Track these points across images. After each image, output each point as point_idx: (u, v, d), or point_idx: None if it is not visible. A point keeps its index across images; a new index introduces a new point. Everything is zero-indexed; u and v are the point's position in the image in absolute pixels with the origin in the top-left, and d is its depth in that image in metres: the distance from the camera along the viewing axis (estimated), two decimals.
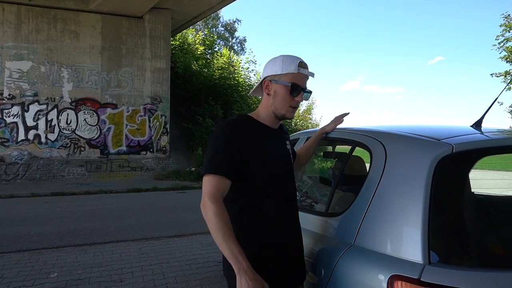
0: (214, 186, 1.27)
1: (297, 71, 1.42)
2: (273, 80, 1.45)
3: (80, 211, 7.17)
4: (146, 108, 12.56)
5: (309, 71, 1.47)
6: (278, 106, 1.45)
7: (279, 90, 1.44)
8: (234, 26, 32.05)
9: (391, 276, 1.16)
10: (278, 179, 1.43)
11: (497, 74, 16.96)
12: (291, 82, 1.42)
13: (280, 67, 1.43)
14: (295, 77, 1.42)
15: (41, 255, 4.40)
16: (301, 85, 1.44)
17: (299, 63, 1.43)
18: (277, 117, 1.48)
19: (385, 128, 1.72)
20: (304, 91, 1.46)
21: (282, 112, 1.45)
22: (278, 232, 1.42)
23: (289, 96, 1.43)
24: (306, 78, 1.47)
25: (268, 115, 1.48)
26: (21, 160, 11.01)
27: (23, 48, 11.01)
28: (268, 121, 1.48)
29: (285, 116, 1.47)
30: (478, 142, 1.38)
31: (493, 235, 1.40)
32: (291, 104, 1.45)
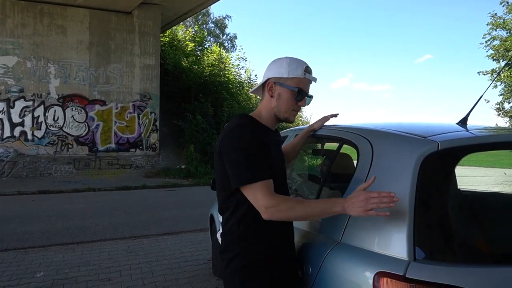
0: (265, 190, 1.28)
1: (303, 76, 1.43)
2: (278, 82, 1.44)
3: (67, 209, 7.07)
4: (135, 105, 12.44)
5: (313, 76, 1.48)
6: (281, 109, 1.45)
7: (284, 93, 1.43)
8: (225, 22, 31.91)
9: (376, 273, 1.16)
10: (278, 180, 1.43)
11: (484, 72, 17.26)
12: (297, 87, 1.42)
13: (286, 70, 1.42)
14: (301, 82, 1.43)
15: (27, 254, 4.32)
16: (306, 90, 1.45)
17: (305, 68, 1.44)
18: (278, 119, 1.49)
19: (372, 125, 1.73)
20: (307, 96, 1.47)
21: (286, 115, 1.46)
22: (280, 232, 1.44)
23: (293, 101, 1.43)
24: (310, 83, 1.49)
25: (270, 117, 1.48)
26: (7, 157, 10.79)
27: (8, 43, 10.78)
28: (269, 122, 1.49)
29: (288, 119, 1.47)
30: (463, 139, 1.39)
31: (478, 231, 1.42)
32: (294, 108, 1.45)
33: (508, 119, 17.65)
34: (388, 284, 1.13)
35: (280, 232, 1.44)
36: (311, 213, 1.30)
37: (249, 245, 1.39)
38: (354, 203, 1.20)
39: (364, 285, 1.19)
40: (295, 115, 1.48)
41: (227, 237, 1.44)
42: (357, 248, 1.30)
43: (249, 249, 1.38)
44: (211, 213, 3.45)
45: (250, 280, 1.37)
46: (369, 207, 1.17)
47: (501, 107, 17.58)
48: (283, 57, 1.48)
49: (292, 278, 1.49)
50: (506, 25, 16.25)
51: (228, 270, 1.41)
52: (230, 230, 1.42)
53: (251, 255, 1.38)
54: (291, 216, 1.31)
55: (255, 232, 1.39)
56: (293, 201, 1.31)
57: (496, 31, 16.68)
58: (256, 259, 1.38)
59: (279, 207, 1.27)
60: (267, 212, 1.27)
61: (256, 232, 1.39)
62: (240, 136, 1.34)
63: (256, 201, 1.29)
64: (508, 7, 16.00)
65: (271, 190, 1.30)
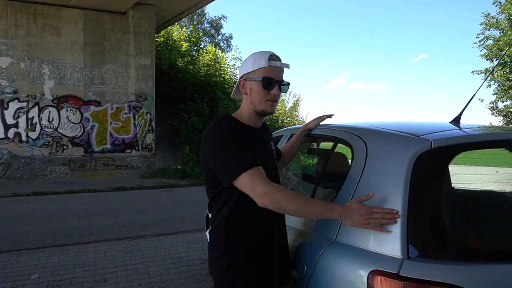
0: (261, 175, 1.28)
1: (268, 64, 1.41)
2: (247, 78, 1.45)
3: (63, 210, 7.03)
4: (130, 106, 12.38)
5: (282, 62, 1.45)
6: (256, 103, 1.44)
7: (254, 86, 1.43)
8: (220, 22, 31.86)
9: (370, 271, 1.17)
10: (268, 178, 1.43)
11: (478, 71, 17.37)
12: (263, 76, 1.41)
13: (251, 64, 1.43)
14: (267, 71, 1.41)
15: (21, 256, 4.29)
16: (275, 78, 1.42)
17: (269, 57, 1.42)
18: (258, 114, 1.47)
19: (366, 124, 1.74)
20: (280, 84, 1.44)
21: (261, 107, 1.44)
22: (267, 232, 1.43)
23: (263, 91, 1.42)
24: (281, 70, 1.45)
25: (250, 114, 1.47)
26: (1, 159, 10.70)
27: (1, 43, 10.67)
28: (251, 121, 1.47)
29: (265, 111, 1.45)
30: (456, 138, 1.40)
31: (471, 229, 1.43)
32: (267, 98, 1.43)
33: (502, 118, 17.79)
34: (382, 283, 1.13)
35: (268, 230, 1.43)
36: (305, 210, 1.29)
37: (236, 243, 1.39)
38: (354, 214, 1.21)
39: (359, 283, 1.20)
40: (271, 105, 1.44)
41: (214, 235, 1.45)
42: (352, 246, 1.31)
43: (236, 247, 1.39)
44: (207, 212, 3.45)
45: (236, 278, 1.38)
46: (370, 222, 1.19)
47: (495, 106, 17.71)
48: (250, 54, 1.49)
49: (284, 278, 1.47)
50: (499, 24, 16.37)
51: (216, 267, 1.42)
52: (217, 227, 1.43)
53: (237, 252, 1.39)
54: (286, 206, 1.27)
55: (241, 230, 1.39)
56: (292, 193, 1.29)
57: (489, 30, 16.81)
58: (242, 257, 1.39)
59: (278, 193, 1.26)
60: (265, 197, 1.25)
61: (243, 230, 1.39)
62: (219, 133, 1.35)
63: (253, 189, 1.26)
64: (500, 7, 16.13)
65: (262, 175, 1.29)
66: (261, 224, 1.41)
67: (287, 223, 1.76)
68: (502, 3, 16.01)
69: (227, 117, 1.46)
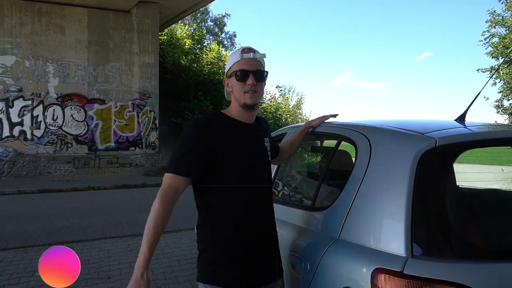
0: (168, 185, 1.36)
1: (241, 58, 1.45)
2: (228, 76, 1.50)
3: (67, 208, 7.07)
4: (134, 104, 12.42)
5: (255, 53, 1.47)
6: (237, 97, 1.46)
7: (232, 82, 1.47)
8: (223, 20, 31.83)
9: (374, 270, 1.16)
10: (248, 175, 1.43)
11: (483, 69, 17.26)
12: (237, 69, 1.44)
13: (229, 63, 1.49)
14: (241, 64, 1.44)
15: (27, 253, 4.33)
16: (249, 69, 1.43)
17: (242, 50, 1.46)
18: (244, 109, 1.47)
19: (370, 122, 1.73)
20: (255, 74, 1.44)
21: (242, 100, 1.45)
22: (247, 229, 1.42)
23: (239, 84, 1.44)
24: (256, 62, 1.46)
25: (237, 110, 1.49)
26: (6, 157, 10.78)
27: (6, 42, 10.74)
28: (239, 116, 1.48)
29: (246, 103, 1.44)
30: (461, 136, 1.39)
31: (476, 228, 1.42)
32: (245, 90, 1.43)
33: (507, 116, 17.66)
34: (386, 281, 1.13)
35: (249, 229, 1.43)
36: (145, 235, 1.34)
37: (215, 239, 1.42)
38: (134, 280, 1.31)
39: (362, 281, 1.20)
40: (250, 96, 1.43)
41: (198, 230, 1.49)
42: (355, 244, 1.31)
43: (215, 243, 1.41)
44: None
45: (216, 274, 1.39)
46: None
47: (501, 104, 17.59)
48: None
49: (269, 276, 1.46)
50: (505, 22, 16.24)
51: (199, 263, 1.45)
52: (199, 223, 1.48)
53: (216, 249, 1.41)
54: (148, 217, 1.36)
55: (218, 226, 1.42)
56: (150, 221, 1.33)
57: (495, 28, 16.69)
58: (221, 254, 1.40)
59: (152, 208, 1.35)
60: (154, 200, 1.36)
61: (221, 227, 1.41)
62: (188, 128, 1.42)
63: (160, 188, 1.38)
64: (506, 4, 15.99)
65: (172, 188, 1.35)
66: (239, 222, 1.41)
67: (291, 221, 1.76)
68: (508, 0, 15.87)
69: (214, 111, 1.51)
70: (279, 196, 2.26)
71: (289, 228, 1.77)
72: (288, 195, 2.32)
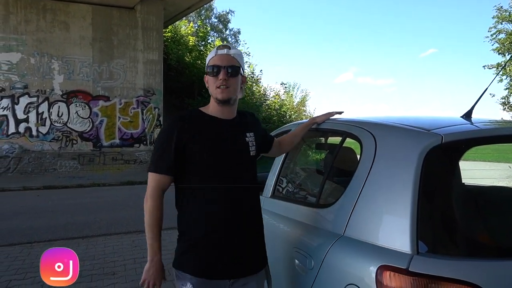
0: (155, 184, 1.44)
1: (215, 54, 1.49)
2: (206, 73, 1.53)
3: (72, 204, 7.12)
4: (139, 101, 12.44)
5: (230, 49, 1.50)
6: (211, 92, 1.49)
7: (207, 78, 1.51)
8: (228, 17, 31.75)
9: (379, 267, 1.16)
10: (224, 170, 1.45)
11: (489, 66, 17.07)
12: (211, 65, 1.49)
13: (207, 60, 1.54)
14: (214, 60, 1.48)
15: (33, 249, 4.37)
16: (222, 64, 1.46)
17: (217, 47, 1.51)
18: (218, 103, 1.48)
19: (375, 119, 1.72)
20: (227, 69, 1.45)
21: (215, 95, 1.48)
22: (220, 221, 1.44)
23: (212, 78, 1.47)
24: (230, 57, 1.49)
25: (214, 106, 1.51)
26: (12, 153, 10.87)
27: (12, 39, 10.80)
28: (217, 112, 1.50)
29: (218, 98, 1.46)
30: (467, 132, 1.38)
31: (482, 225, 1.41)
32: (216, 85, 1.46)
33: None
34: (391, 278, 1.12)
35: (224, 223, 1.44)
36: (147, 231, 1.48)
37: (188, 229, 1.48)
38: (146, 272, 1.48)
39: (367, 278, 1.19)
40: (222, 92, 1.45)
41: (177, 219, 1.55)
42: (360, 241, 1.30)
43: (188, 233, 1.48)
44: None
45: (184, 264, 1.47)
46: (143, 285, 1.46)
47: (507, 101, 17.41)
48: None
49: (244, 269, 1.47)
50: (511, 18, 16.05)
51: (176, 249, 1.53)
52: (177, 213, 1.54)
53: (188, 239, 1.48)
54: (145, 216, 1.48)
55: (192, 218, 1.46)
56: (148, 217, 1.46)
57: (501, 24, 16.49)
58: (191, 243, 1.46)
59: (145, 206, 1.46)
60: (145, 202, 1.46)
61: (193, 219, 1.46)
62: (167, 125, 1.48)
63: (147, 190, 1.47)
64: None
65: (158, 186, 1.44)
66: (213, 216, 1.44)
67: (296, 218, 1.75)
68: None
69: (192, 109, 1.58)
70: (283, 193, 2.26)
71: (293, 225, 1.76)
72: (292, 192, 2.32)
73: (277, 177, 2.16)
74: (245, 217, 1.49)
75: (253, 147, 1.54)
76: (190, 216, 1.47)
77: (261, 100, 18.14)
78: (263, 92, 19.04)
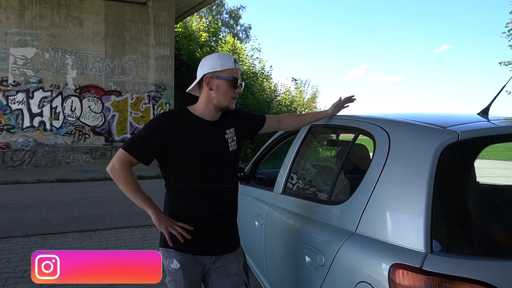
0: (123, 158, 1.52)
1: (234, 66, 1.58)
2: (214, 76, 1.57)
3: (85, 197, 7.24)
4: (150, 96, 12.53)
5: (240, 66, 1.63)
6: (221, 99, 1.57)
7: (222, 84, 1.56)
8: (239, 13, 31.69)
9: (392, 265, 1.14)
10: (203, 167, 1.56)
11: (506, 62, 16.66)
12: (232, 76, 1.57)
13: (219, 64, 1.57)
14: (234, 72, 1.58)
15: (47, 240, 4.46)
16: (239, 79, 1.59)
17: (234, 60, 1.60)
18: (219, 109, 1.60)
19: (389, 115, 1.69)
20: (242, 84, 1.61)
21: (225, 104, 1.58)
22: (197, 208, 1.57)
23: (231, 89, 1.57)
24: (240, 72, 1.62)
25: (208, 109, 1.60)
26: (27, 146, 11.08)
27: (27, 34, 10.97)
28: (206, 114, 1.60)
29: (229, 107, 1.60)
30: (484, 130, 1.35)
31: (497, 224, 1.38)
32: (232, 96, 1.59)
33: None
34: (404, 276, 1.11)
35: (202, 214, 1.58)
36: (131, 196, 1.56)
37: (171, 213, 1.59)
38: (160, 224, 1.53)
39: (379, 276, 1.18)
40: (234, 103, 1.61)
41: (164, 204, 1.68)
42: (372, 239, 1.29)
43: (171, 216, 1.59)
44: None
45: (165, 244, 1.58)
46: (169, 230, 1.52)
47: None
48: (212, 54, 1.64)
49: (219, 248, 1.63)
50: None
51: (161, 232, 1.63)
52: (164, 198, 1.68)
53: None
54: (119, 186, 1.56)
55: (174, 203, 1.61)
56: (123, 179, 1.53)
57: None
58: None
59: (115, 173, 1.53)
60: (108, 168, 1.55)
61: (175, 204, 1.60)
62: (155, 118, 1.61)
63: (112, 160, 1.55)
64: None
65: (126, 160, 1.52)
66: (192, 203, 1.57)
67: (307, 214, 1.75)
68: None
69: (180, 107, 1.64)
70: (294, 190, 2.25)
71: (304, 221, 1.76)
72: (303, 189, 2.31)
73: (288, 173, 2.15)
74: (221, 203, 1.63)
75: (232, 143, 1.65)
76: (174, 202, 1.61)
77: (272, 96, 18.09)
78: (273, 88, 18.99)
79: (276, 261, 2.03)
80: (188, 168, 1.56)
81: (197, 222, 1.57)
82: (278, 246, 1.99)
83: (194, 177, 1.56)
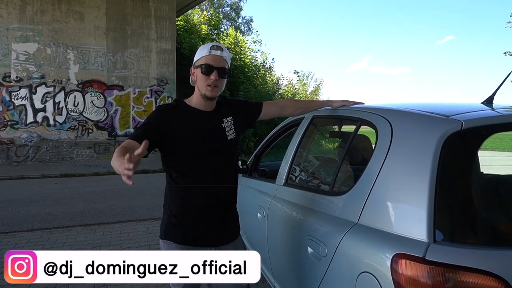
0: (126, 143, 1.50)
1: (209, 53, 1.57)
2: (194, 66, 1.62)
3: (89, 192, 7.28)
4: (152, 90, 12.52)
5: (223, 52, 1.59)
6: (199, 88, 1.60)
7: (197, 73, 1.60)
8: (240, 5, 31.46)
9: (395, 255, 1.14)
10: (200, 155, 1.58)
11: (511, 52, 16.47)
12: (204, 63, 1.57)
13: (197, 54, 1.61)
14: (208, 59, 1.56)
15: (52, 234, 4.49)
16: (215, 65, 1.56)
17: (211, 47, 1.58)
18: (204, 98, 1.61)
19: (392, 105, 1.68)
20: (219, 71, 1.56)
21: (203, 92, 1.58)
22: (197, 198, 1.59)
23: (204, 76, 1.56)
24: (222, 59, 1.58)
25: (198, 99, 1.63)
26: (31, 142, 11.13)
27: (28, 29, 10.95)
28: (199, 104, 1.63)
29: (207, 95, 1.58)
30: (489, 118, 1.33)
31: (501, 214, 1.37)
32: (207, 83, 1.56)
33: None
34: (407, 266, 1.10)
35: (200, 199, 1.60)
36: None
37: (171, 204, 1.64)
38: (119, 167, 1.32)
39: (382, 267, 1.18)
40: (211, 90, 1.57)
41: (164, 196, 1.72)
42: (375, 229, 1.28)
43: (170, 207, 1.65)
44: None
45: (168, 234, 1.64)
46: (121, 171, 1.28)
47: None
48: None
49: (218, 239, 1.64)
50: None
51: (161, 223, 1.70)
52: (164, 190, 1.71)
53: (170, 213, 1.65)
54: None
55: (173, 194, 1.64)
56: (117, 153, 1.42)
57: None
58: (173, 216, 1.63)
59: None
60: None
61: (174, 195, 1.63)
62: (155, 110, 1.63)
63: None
64: None
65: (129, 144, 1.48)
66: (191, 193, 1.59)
67: (310, 206, 1.74)
68: None
69: (176, 99, 1.68)
70: (296, 181, 2.24)
71: (307, 213, 1.76)
72: (306, 180, 2.30)
73: (290, 165, 2.14)
74: (219, 193, 1.64)
75: (230, 131, 1.67)
76: (174, 192, 1.64)
77: (274, 89, 18.03)
78: (276, 81, 18.90)
79: (279, 252, 2.03)
80: (187, 159, 1.57)
81: (197, 213, 1.60)
82: (281, 238, 1.99)
83: (193, 167, 1.58)
